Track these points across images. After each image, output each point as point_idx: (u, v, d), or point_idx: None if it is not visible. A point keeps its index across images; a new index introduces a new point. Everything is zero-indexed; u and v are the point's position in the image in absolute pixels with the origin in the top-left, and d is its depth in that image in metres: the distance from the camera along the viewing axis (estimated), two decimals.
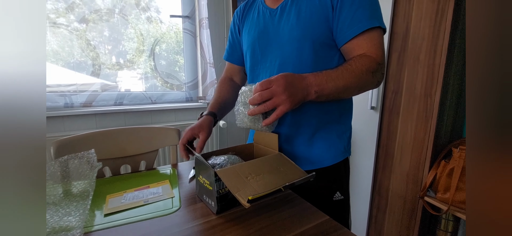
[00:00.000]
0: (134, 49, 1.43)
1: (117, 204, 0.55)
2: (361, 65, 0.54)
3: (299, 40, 0.60)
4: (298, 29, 0.60)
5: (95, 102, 1.30)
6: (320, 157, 0.65)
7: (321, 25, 0.58)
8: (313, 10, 0.59)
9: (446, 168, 0.95)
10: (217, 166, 0.54)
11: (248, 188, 0.43)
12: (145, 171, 0.75)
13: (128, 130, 0.80)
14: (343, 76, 0.53)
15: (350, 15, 0.55)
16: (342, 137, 0.67)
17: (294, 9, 0.61)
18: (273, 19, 0.65)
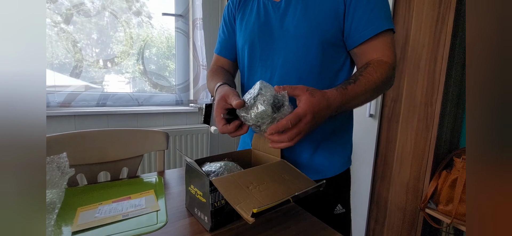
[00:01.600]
0: (123, 52, 1.34)
1: (89, 219, 0.46)
2: (381, 76, 0.50)
3: (306, 37, 0.55)
4: (305, 25, 0.54)
5: (74, 103, 1.18)
6: (323, 167, 0.60)
7: (331, 22, 0.53)
8: (322, 5, 0.53)
9: (448, 179, 0.92)
10: (212, 174, 0.46)
11: (251, 200, 0.35)
12: (127, 179, 0.66)
13: (108, 132, 0.71)
14: (366, 91, 0.49)
15: (366, 14, 0.50)
16: (345, 146, 0.63)
17: (301, 3, 0.55)
18: (276, 13, 0.58)
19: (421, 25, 0.99)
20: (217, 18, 1.60)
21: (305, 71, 0.56)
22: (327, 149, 0.60)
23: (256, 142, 0.61)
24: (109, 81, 1.32)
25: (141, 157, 0.75)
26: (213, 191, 0.41)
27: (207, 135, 1.56)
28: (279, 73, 0.58)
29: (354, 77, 0.51)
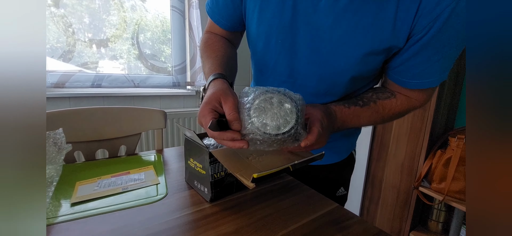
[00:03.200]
0: (115, 35, 1.29)
1: (88, 192, 0.46)
2: (396, 108, 0.45)
3: (350, 52, 0.40)
4: (351, 46, 0.39)
5: (68, 84, 1.16)
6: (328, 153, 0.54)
7: (381, 51, 0.39)
8: (382, 26, 0.37)
9: (442, 158, 0.94)
10: (212, 146, 0.46)
11: (251, 168, 0.36)
12: (125, 156, 0.65)
13: (105, 110, 0.70)
14: (370, 118, 0.45)
15: (422, 67, 0.40)
16: (350, 136, 0.58)
17: (350, 11, 0.38)
18: (310, 13, 0.41)
19: None
20: None
21: (336, 90, 0.46)
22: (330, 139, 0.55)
23: None
24: (104, 66, 1.28)
25: (139, 135, 0.74)
26: (213, 163, 0.41)
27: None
28: (314, 81, 0.46)
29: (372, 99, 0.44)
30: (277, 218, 0.40)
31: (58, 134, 0.56)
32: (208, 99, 0.35)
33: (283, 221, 0.39)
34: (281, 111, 0.31)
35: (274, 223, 0.38)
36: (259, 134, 0.31)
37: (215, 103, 0.34)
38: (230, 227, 0.37)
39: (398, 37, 0.38)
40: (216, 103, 0.34)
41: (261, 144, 0.32)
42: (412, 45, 0.38)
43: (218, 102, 0.35)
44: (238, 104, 0.34)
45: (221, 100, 0.34)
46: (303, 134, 0.33)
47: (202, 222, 0.38)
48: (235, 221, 0.39)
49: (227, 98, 0.34)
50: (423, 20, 0.35)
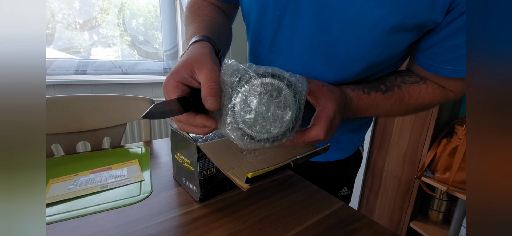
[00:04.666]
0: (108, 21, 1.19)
1: (61, 191, 0.40)
2: (425, 97, 0.37)
3: (381, 23, 0.30)
4: (384, 8, 0.30)
5: (50, 70, 1.07)
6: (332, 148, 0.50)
7: (414, 28, 0.31)
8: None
9: (448, 147, 0.90)
10: (200, 139, 0.40)
11: (245, 165, 0.30)
12: (109, 149, 0.60)
13: (86, 97, 0.63)
14: (392, 107, 0.36)
15: (457, 50, 0.32)
16: (360, 130, 0.51)
17: None
18: None
19: None
20: None
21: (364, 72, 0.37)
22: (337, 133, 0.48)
23: None
24: (95, 54, 1.19)
25: (124, 126, 0.68)
26: (202, 158, 0.36)
27: None
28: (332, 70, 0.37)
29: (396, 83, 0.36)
30: (276, 220, 0.35)
31: None
32: (176, 69, 0.26)
33: (282, 224, 0.34)
34: (273, 104, 0.23)
35: (272, 227, 0.34)
36: (239, 132, 0.23)
37: (185, 74, 0.25)
38: (222, 233, 0.32)
39: (435, 9, 0.29)
40: (185, 74, 0.25)
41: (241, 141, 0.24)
42: (452, 21, 0.30)
43: (190, 72, 0.25)
44: (219, 78, 0.25)
45: (194, 69, 0.25)
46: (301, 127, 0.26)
47: (189, 227, 0.33)
48: (228, 225, 0.34)
49: (202, 66, 0.25)
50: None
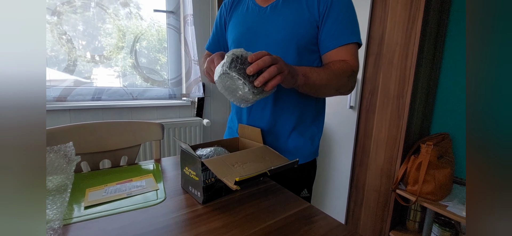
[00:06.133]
0: (112, 45, 1.37)
1: (98, 197, 0.53)
2: (339, 67, 0.60)
3: (285, 42, 0.63)
4: (285, 31, 0.63)
5: (70, 97, 1.23)
6: (295, 153, 0.70)
7: (306, 31, 0.62)
8: (300, 16, 0.62)
9: (415, 163, 1.04)
10: (204, 156, 0.54)
11: (235, 173, 0.44)
12: (127, 166, 0.73)
13: (108, 124, 0.78)
14: (324, 72, 0.59)
15: (333, 29, 0.60)
16: (314, 139, 0.72)
17: (283, 11, 0.64)
18: (261, 18, 0.67)
19: (395, 25, 1.09)
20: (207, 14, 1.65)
21: None
22: (298, 138, 0.70)
23: (241, 132, 0.70)
24: (98, 74, 1.35)
25: (139, 147, 0.82)
26: (205, 171, 0.50)
27: (200, 127, 1.63)
28: None
29: (324, 65, 0.63)
30: (258, 215, 0.48)
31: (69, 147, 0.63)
32: (213, 55, 0.58)
33: (262, 218, 0.47)
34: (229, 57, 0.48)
35: (255, 220, 0.47)
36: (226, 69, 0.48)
37: (216, 56, 0.56)
38: (219, 224, 0.45)
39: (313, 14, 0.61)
40: (216, 55, 0.56)
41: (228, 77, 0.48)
42: (322, 18, 0.61)
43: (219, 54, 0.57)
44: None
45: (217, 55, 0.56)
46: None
47: (195, 220, 0.46)
48: (223, 219, 0.47)
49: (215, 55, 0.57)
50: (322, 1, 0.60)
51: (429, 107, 1.23)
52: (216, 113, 1.80)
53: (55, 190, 0.55)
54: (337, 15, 0.60)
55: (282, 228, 0.45)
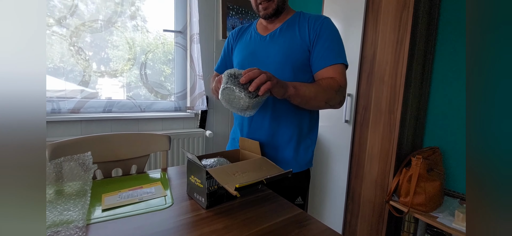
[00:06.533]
0: (118, 56, 1.46)
1: (113, 202, 0.60)
2: (327, 83, 0.69)
3: (282, 63, 0.74)
4: (281, 55, 0.74)
5: (83, 109, 1.32)
6: (291, 163, 0.77)
7: (299, 54, 0.73)
8: (294, 42, 0.73)
9: (407, 175, 1.09)
10: (208, 166, 0.61)
11: (235, 181, 0.51)
12: (136, 174, 0.80)
13: (121, 135, 0.85)
14: (313, 86, 0.68)
15: (321, 52, 0.71)
16: (308, 150, 0.80)
17: (280, 39, 0.75)
18: (262, 44, 0.78)
19: (385, 46, 1.18)
20: (212, 33, 1.77)
21: None
22: (294, 149, 0.77)
23: (242, 144, 0.77)
24: (102, 85, 1.43)
25: (148, 156, 0.89)
26: (209, 179, 0.57)
27: (203, 138, 1.70)
28: None
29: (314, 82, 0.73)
30: (255, 219, 0.54)
31: (87, 156, 0.71)
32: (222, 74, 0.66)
33: (258, 222, 0.54)
34: (228, 94, 0.59)
35: (252, 223, 0.53)
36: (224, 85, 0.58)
37: None
38: (220, 226, 0.52)
39: (305, 40, 0.72)
40: None
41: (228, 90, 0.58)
42: (312, 43, 0.72)
43: None
44: None
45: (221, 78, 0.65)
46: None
47: (199, 223, 0.52)
48: (224, 222, 0.53)
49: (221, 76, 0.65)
50: (311, 30, 0.72)
51: (420, 122, 1.30)
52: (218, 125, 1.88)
53: (75, 195, 0.62)
54: (324, 41, 0.71)
55: (276, 231, 0.51)
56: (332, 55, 0.70)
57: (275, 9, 0.74)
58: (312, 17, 0.75)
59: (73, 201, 0.59)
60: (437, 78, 1.29)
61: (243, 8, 1.87)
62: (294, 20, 0.76)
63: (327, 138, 1.46)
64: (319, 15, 0.76)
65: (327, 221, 1.49)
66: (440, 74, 1.28)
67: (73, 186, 0.65)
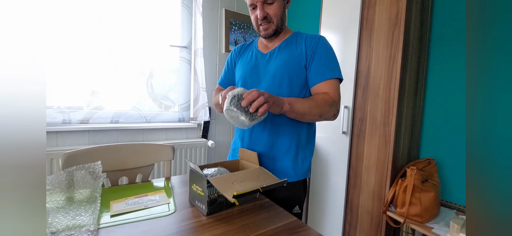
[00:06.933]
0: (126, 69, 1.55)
1: (121, 208, 0.65)
2: (321, 98, 0.75)
3: (280, 78, 0.80)
4: (280, 71, 0.80)
5: (92, 120, 1.38)
6: (289, 173, 0.81)
7: (297, 70, 0.79)
8: (291, 60, 0.80)
9: (402, 186, 1.12)
10: (209, 175, 0.66)
11: (233, 189, 0.55)
12: (141, 183, 0.85)
13: (129, 146, 0.91)
14: (308, 101, 0.74)
15: (317, 68, 0.77)
16: (305, 161, 0.84)
17: (279, 56, 0.82)
18: (262, 60, 0.85)
19: (379, 61, 1.24)
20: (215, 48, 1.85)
21: None
22: (291, 159, 0.82)
23: (241, 154, 0.82)
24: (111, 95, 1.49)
25: (152, 166, 0.94)
26: (209, 187, 0.61)
27: (205, 148, 1.75)
28: None
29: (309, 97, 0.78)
30: (252, 226, 0.59)
31: (97, 165, 0.76)
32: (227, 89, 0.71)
33: (255, 228, 0.58)
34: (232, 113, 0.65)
35: (249, 229, 0.57)
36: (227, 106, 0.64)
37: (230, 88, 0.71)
38: (219, 231, 0.56)
39: (302, 57, 0.79)
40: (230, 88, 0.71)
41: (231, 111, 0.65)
42: (309, 60, 0.78)
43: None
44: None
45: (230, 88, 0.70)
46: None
47: (200, 229, 0.57)
48: (223, 228, 0.57)
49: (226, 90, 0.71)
50: (308, 48, 0.78)
51: (415, 134, 1.33)
52: (220, 135, 1.93)
53: (86, 201, 0.67)
54: (320, 58, 0.77)
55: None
56: (327, 71, 0.76)
57: (275, 30, 0.81)
58: (309, 36, 0.82)
59: (84, 207, 0.63)
60: (431, 91, 1.34)
61: (245, 23, 1.96)
62: (291, 40, 0.83)
63: (325, 148, 1.50)
64: (315, 34, 0.83)
65: (326, 232, 1.50)
66: (434, 88, 1.32)
67: (84, 193, 0.70)
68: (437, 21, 1.30)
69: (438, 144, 1.31)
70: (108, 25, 1.46)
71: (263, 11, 0.77)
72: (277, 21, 0.79)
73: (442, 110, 1.29)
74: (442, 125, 1.29)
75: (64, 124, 1.33)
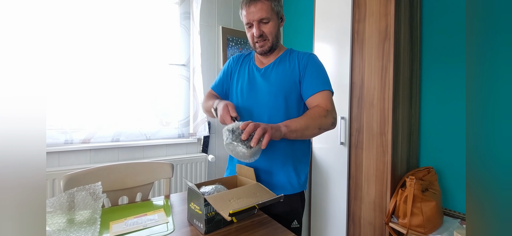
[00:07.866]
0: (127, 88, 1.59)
1: (121, 229, 0.65)
2: (315, 112, 0.78)
3: (275, 93, 0.84)
4: (275, 86, 0.84)
5: (93, 139, 1.41)
6: (285, 186, 0.83)
7: (290, 85, 0.83)
8: (285, 75, 0.84)
9: (403, 196, 1.11)
10: (206, 193, 0.67)
11: (230, 207, 0.56)
12: (141, 202, 0.85)
13: (128, 165, 0.92)
14: (302, 119, 0.77)
15: (309, 82, 0.82)
16: (301, 174, 0.86)
17: (273, 72, 0.86)
18: (259, 75, 0.89)
19: (372, 72, 1.27)
20: (213, 62, 1.90)
21: (273, 114, 0.84)
22: (287, 173, 0.83)
23: (239, 170, 0.83)
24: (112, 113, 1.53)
25: (152, 184, 0.95)
26: (207, 205, 0.62)
27: (205, 163, 1.76)
28: (257, 111, 0.86)
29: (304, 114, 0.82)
30: None
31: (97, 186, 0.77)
32: (225, 104, 0.79)
33: None
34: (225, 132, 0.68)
35: None
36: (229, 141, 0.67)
37: (229, 107, 0.78)
38: None
39: (295, 75, 0.84)
40: (229, 106, 0.78)
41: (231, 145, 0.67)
42: (302, 75, 0.83)
43: (230, 106, 0.78)
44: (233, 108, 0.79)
45: (229, 106, 0.78)
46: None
47: None
48: None
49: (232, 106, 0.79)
50: (301, 64, 0.83)
51: (413, 143, 1.34)
52: (220, 150, 1.94)
53: (86, 223, 0.68)
54: (311, 73, 0.82)
55: None
56: (319, 83, 0.81)
57: (270, 47, 0.85)
58: (301, 53, 0.86)
59: (84, 228, 0.64)
60: (426, 100, 1.35)
61: (242, 38, 2.02)
62: (285, 56, 0.88)
63: (325, 160, 1.50)
64: (306, 51, 0.88)
65: None
66: (429, 96, 1.34)
67: (84, 214, 0.71)
68: (427, 33, 1.34)
69: (436, 152, 1.31)
70: (109, 45, 1.52)
71: (259, 29, 0.81)
72: (272, 38, 0.84)
73: (438, 118, 1.31)
74: (439, 132, 1.30)
75: (66, 144, 1.36)
